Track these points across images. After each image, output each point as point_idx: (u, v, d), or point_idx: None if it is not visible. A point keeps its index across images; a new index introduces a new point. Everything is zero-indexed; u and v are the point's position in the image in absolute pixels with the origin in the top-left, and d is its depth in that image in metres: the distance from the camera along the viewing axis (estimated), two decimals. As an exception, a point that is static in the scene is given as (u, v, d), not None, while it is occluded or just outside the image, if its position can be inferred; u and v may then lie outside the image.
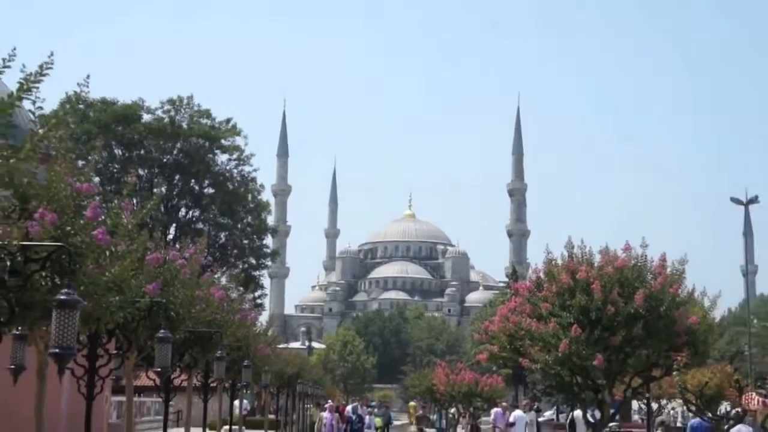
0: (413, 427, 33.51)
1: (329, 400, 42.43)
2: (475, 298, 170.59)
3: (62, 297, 6.41)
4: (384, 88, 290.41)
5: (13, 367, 7.96)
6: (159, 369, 11.39)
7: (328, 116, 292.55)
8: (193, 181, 62.77)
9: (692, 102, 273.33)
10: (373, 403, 65.02)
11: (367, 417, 42.53)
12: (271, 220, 73.72)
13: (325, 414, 35.28)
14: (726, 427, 18.22)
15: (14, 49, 4.60)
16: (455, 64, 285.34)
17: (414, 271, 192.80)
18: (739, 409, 19.55)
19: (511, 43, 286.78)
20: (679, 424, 44.18)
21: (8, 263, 6.31)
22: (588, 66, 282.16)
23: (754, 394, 21.73)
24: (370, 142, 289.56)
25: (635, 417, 49.64)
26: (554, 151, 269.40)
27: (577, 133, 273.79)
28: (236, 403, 25.48)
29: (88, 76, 6.54)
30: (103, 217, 7.70)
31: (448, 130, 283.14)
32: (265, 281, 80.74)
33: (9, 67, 4.58)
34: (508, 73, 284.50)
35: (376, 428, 44.49)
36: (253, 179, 65.64)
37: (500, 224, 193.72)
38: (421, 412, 36.67)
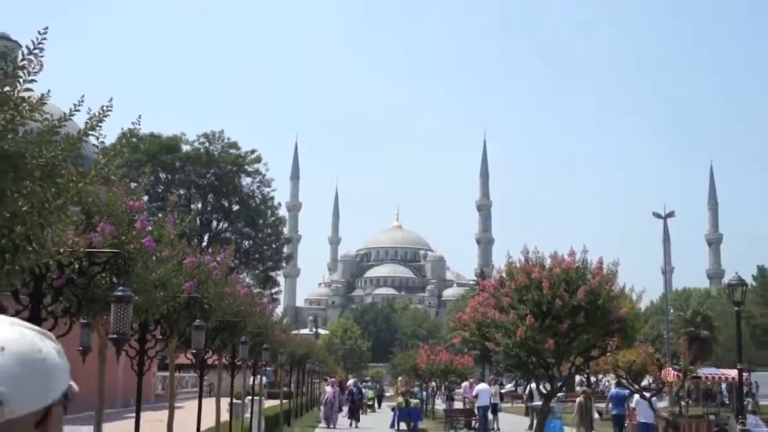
0: (400, 398, 33.40)
1: (332, 377, 42.35)
2: (450, 293, 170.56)
3: (119, 293, 6.44)
4: (376, 121, 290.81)
5: (81, 348, 7.98)
6: (195, 351, 11.42)
7: (331, 146, 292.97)
8: (223, 199, 62.89)
9: (623, 134, 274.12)
10: (367, 379, 64.94)
11: (363, 390, 42.64)
12: (285, 230, 73.70)
13: (328, 387, 34.93)
14: (649, 395, 18.31)
15: (83, 96, 4.64)
16: (437, 106, 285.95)
17: (401, 271, 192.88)
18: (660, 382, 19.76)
19: (479, 87, 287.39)
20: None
21: (77, 266, 6.34)
22: (541, 104, 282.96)
23: (670, 369, 21.86)
24: (365, 166, 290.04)
25: (577, 388, 49.83)
26: (514, 174, 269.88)
27: (531, 160, 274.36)
28: (257, 377, 25.45)
29: (140, 116, 6.57)
30: (150, 229, 7.73)
31: (428, 156, 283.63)
32: (281, 280, 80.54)
33: (79, 110, 4.62)
34: (477, 112, 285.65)
35: (369, 398, 44.72)
36: (271, 198, 65.94)
37: (470, 233, 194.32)
38: (404, 388, 36.73)
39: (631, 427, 23.77)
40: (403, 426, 30.72)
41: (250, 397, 22.21)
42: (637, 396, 23.92)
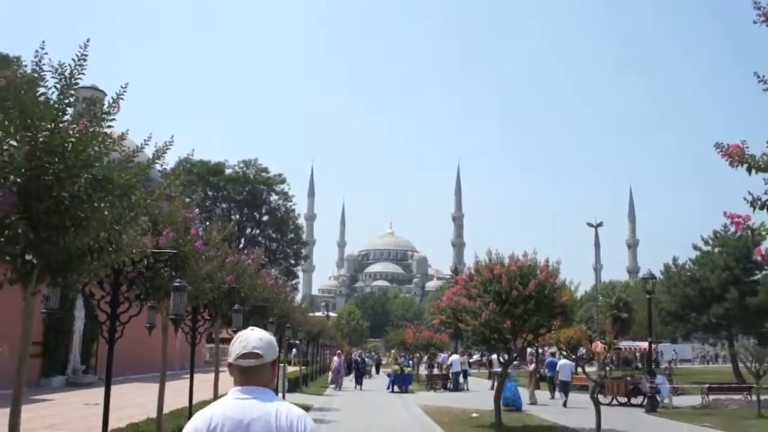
0: (396, 366, 33.36)
1: (339, 350, 41.97)
2: (431, 285, 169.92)
3: (176, 284, 6.48)
4: (375, 151, 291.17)
5: (148, 325, 8.01)
6: (235, 328, 11.43)
7: (339, 169, 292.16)
8: (255, 212, 62.99)
9: (564, 161, 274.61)
10: (368, 353, 64.89)
11: (367, 359, 42.50)
12: (303, 236, 73.68)
13: (335, 358, 34.35)
14: (582, 363, 18.31)
15: (151, 134, 4.71)
16: (423, 139, 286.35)
17: (393, 268, 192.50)
18: (590, 352, 19.81)
19: (455, 125, 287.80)
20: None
21: (145, 262, 6.38)
22: (503, 138, 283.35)
23: (599, 342, 21.89)
24: (366, 185, 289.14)
25: (528, 358, 49.89)
26: (481, 193, 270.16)
27: (495, 182, 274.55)
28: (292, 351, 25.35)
29: (193, 150, 6.71)
30: (201, 234, 7.77)
31: (415, 178, 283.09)
32: (300, 274, 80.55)
33: (148, 144, 4.67)
34: (453, 144, 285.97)
35: (369, 366, 44.68)
36: (293, 210, 66.16)
37: (447, 239, 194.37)
38: (394, 359, 36.94)
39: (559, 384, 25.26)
40: (397, 389, 30.44)
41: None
42: (561, 361, 25.57)
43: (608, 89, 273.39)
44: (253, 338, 2.58)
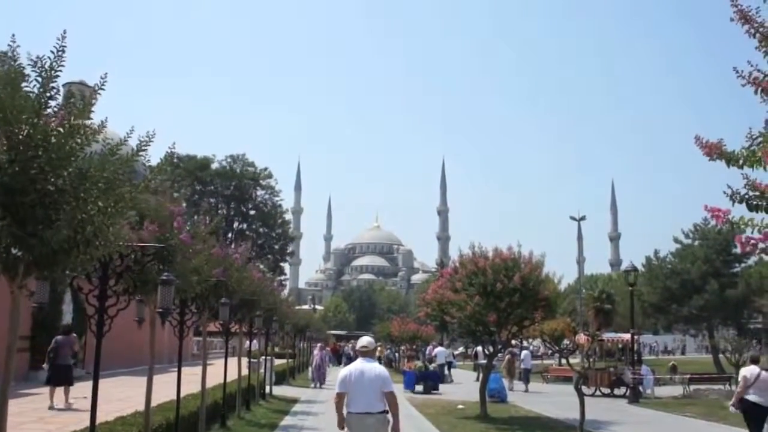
0: (419, 362, 32.01)
1: (320, 342, 40.51)
2: (417, 278, 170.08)
3: (164, 277, 6.43)
4: (360, 144, 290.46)
5: (137, 319, 7.94)
6: (222, 321, 11.40)
7: (325, 164, 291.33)
8: (242, 206, 62.70)
9: (547, 155, 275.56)
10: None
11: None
12: (290, 230, 73.43)
13: (315, 351, 30.31)
14: (566, 354, 18.43)
15: (133, 127, 4.64)
16: (409, 134, 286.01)
17: (379, 261, 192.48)
18: (574, 344, 19.87)
19: (440, 121, 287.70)
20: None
21: (133, 256, 6.33)
22: (488, 133, 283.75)
23: (582, 334, 22.03)
24: (352, 179, 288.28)
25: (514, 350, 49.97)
26: (466, 187, 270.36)
27: (479, 177, 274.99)
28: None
29: (174, 143, 6.46)
30: (188, 228, 7.71)
31: (401, 172, 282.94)
32: (286, 268, 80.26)
33: (131, 136, 4.63)
34: (438, 139, 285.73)
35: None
36: (280, 205, 66.05)
37: (432, 232, 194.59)
38: (380, 352, 36.52)
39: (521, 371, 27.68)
40: (419, 388, 25.51)
41: (263, 357, 22.08)
42: (524, 351, 27.90)
43: (591, 84, 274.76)
44: (365, 340, 6.57)
